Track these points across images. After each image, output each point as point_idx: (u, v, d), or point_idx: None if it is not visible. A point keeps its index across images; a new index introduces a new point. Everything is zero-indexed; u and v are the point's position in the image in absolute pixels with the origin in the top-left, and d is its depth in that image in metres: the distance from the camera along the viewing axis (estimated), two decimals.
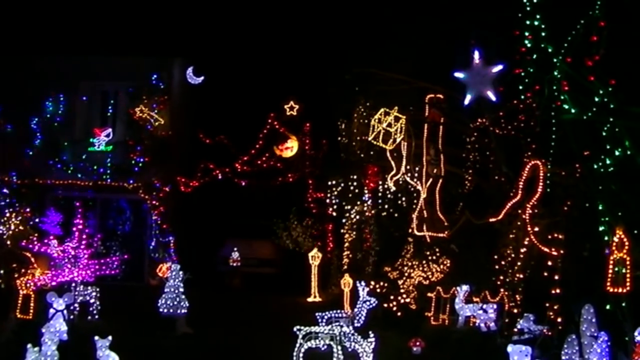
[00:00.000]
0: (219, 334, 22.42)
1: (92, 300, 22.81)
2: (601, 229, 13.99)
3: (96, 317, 22.75)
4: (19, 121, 33.89)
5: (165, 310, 22.07)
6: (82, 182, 34.23)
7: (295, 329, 17.30)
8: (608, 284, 13.03)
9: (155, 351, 19.19)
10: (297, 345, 17.13)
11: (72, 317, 21.37)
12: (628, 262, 12.78)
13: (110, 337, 15.83)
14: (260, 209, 36.50)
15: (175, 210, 34.97)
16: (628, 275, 12.76)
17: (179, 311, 22.09)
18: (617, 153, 13.97)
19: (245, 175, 36.08)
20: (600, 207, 14.05)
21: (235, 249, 36.25)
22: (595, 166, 14.27)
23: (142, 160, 34.15)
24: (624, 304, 13.29)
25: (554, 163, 19.00)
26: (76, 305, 22.17)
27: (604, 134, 14.84)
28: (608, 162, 13.83)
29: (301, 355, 17.10)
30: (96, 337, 15.88)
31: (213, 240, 36.63)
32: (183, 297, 22.26)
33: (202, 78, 36.29)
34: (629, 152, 13.28)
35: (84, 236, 23.98)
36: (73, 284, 22.43)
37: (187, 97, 37.70)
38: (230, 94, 37.24)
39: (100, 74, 35.50)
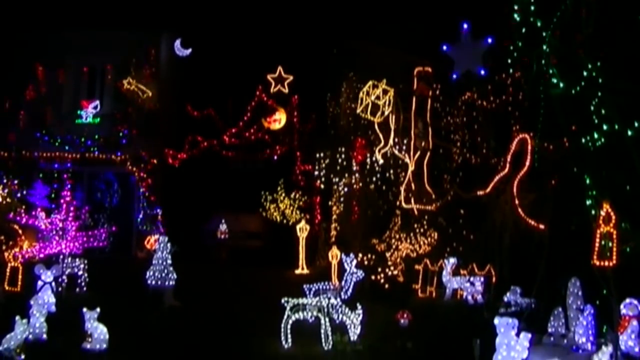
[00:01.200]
0: (206, 307, 22.40)
1: (80, 273, 22.82)
2: (588, 203, 14.06)
3: (84, 289, 22.78)
4: (5, 95, 33.70)
5: (153, 283, 22.06)
6: (69, 154, 34.00)
7: (282, 301, 17.36)
8: (594, 257, 13.10)
9: (143, 323, 19.16)
10: (285, 317, 17.19)
11: (60, 289, 21.38)
12: (614, 236, 12.84)
13: (98, 309, 15.87)
14: (248, 181, 36.38)
15: (162, 183, 34.89)
16: (614, 249, 12.83)
17: (166, 283, 22.08)
18: (604, 128, 14.01)
19: (233, 148, 36.03)
20: (587, 182, 14.10)
21: (223, 221, 36.23)
22: (583, 141, 14.31)
23: (129, 132, 34.00)
24: (609, 278, 13.36)
25: (541, 137, 19.06)
26: (64, 277, 22.16)
27: (592, 108, 14.88)
28: (596, 136, 13.86)
29: (289, 327, 17.16)
30: (84, 309, 15.93)
31: (200, 213, 36.55)
32: (170, 269, 22.25)
33: (189, 51, 36.11)
34: (616, 127, 13.32)
35: (72, 208, 23.90)
36: (61, 257, 22.39)
37: (174, 70, 37.48)
38: (218, 67, 37.05)
39: (87, 47, 35.18)
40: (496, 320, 13.97)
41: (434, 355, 16.70)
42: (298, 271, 31.14)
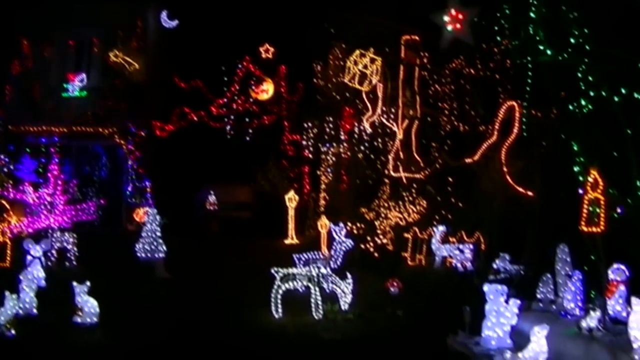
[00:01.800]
0: (197, 278, 22.46)
1: (69, 247, 22.79)
2: (576, 169, 14.09)
3: (74, 263, 22.77)
4: None
5: (143, 255, 22.09)
6: (57, 128, 33.80)
7: (272, 271, 17.39)
8: (582, 223, 13.14)
9: (134, 296, 19.20)
10: (275, 287, 17.24)
11: (49, 263, 21.39)
12: (602, 202, 12.88)
13: (88, 283, 15.87)
14: (237, 152, 36.35)
15: (151, 155, 34.79)
16: (602, 215, 12.87)
17: (156, 255, 22.13)
18: (592, 94, 14.02)
19: (222, 119, 35.99)
20: (575, 148, 14.12)
21: (212, 193, 36.25)
22: (571, 108, 14.32)
23: (117, 105, 33.83)
24: (597, 243, 13.41)
25: (529, 105, 19.06)
26: (53, 251, 22.19)
27: (579, 75, 14.87)
28: (583, 103, 13.87)
29: (279, 297, 17.22)
30: (74, 283, 15.92)
31: (190, 184, 36.52)
32: (160, 241, 22.28)
33: (176, 22, 35.97)
34: (603, 94, 13.33)
35: (60, 182, 23.88)
36: (50, 231, 22.40)
37: (161, 41, 37.30)
38: (204, 38, 36.90)
39: (73, 20, 34.92)
40: (485, 287, 14.03)
41: (424, 322, 16.78)
42: (288, 241, 31.23)
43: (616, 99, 13.13)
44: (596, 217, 12.94)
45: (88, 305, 15.75)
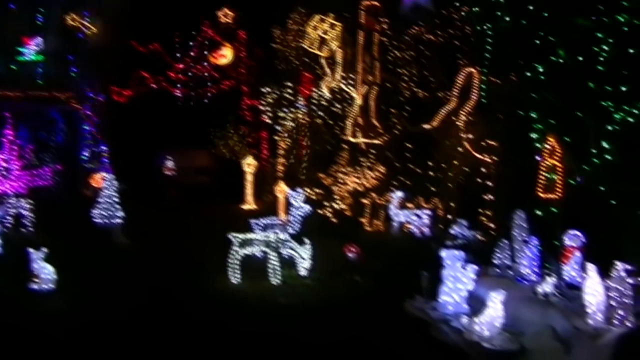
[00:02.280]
0: (155, 244, 22.38)
1: (25, 213, 22.59)
2: (534, 136, 14.16)
3: (30, 229, 22.57)
4: None
5: (100, 221, 21.96)
6: (12, 92, 33.25)
7: (230, 237, 17.37)
8: (539, 190, 13.25)
9: (92, 262, 19.05)
10: (233, 252, 17.22)
11: (5, 229, 21.19)
12: (559, 169, 12.98)
13: (44, 249, 15.75)
14: (195, 117, 36.12)
15: (109, 120, 34.46)
16: (559, 182, 12.97)
17: (113, 221, 22.01)
18: (550, 61, 14.06)
19: (180, 84, 35.74)
20: (533, 115, 14.19)
21: (171, 158, 36.07)
22: (529, 74, 14.37)
23: (74, 69, 33.40)
24: (554, 210, 13.53)
25: (488, 71, 19.10)
26: (9, 217, 21.99)
27: (537, 42, 14.91)
28: (541, 70, 13.92)
29: (237, 262, 17.21)
30: (30, 249, 15.80)
31: (148, 150, 36.28)
32: (118, 207, 22.15)
33: None
34: (562, 61, 13.38)
35: (15, 148, 23.61)
36: (5, 196, 22.17)
37: (119, 5, 36.77)
38: (163, 2, 36.50)
39: None
40: (443, 253, 14.12)
41: (382, 287, 16.85)
42: (246, 206, 31.19)
43: (574, 66, 13.19)
44: (553, 183, 13.04)
45: (44, 272, 15.64)
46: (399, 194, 21.73)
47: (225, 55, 35.66)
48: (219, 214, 28.36)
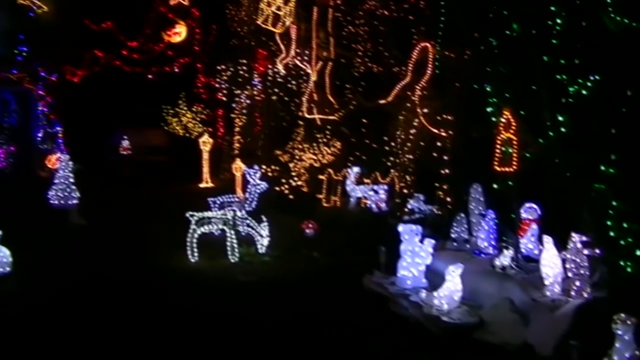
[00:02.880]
0: (112, 224, 22.27)
1: None
2: (489, 110, 14.20)
3: None
4: None
5: (56, 202, 21.79)
6: None
7: (188, 215, 17.31)
8: (495, 163, 13.30)
9: (48, 243, 18.89)
10: (191, 231, 17.18)
11: None
12: (515, 142, 13.04)
13: (0, 232, 15.59)
14: (149, 96, 35.84)
15: (63, 100, 34.01)
16: (515, 155, 13.03)
17: (69, 202, 21.84)
18: (505, 34, 14.09)
19: (134, 62, 35.42)
20: (488, 89, 14.23)
21: (126, 137, 35.85)
22: (484, 48, 14.40)
23: (25, 49, 32.90)
24: (510, 183, 13.60)
25: (443, 45, 19.14)
26: None
27: (491, 16, 14.92)
28: (496, 44, 13.95)
29: (195, 240, 17.16)
30: None
31: (103, 129, 36.01)
32: (73, 187, 22.00)
33: None
34: (515, 34, 13.42)
35: None
36: None
37: None
38: None
39: None
40: (400, 227, 14.14)
41: (340, 263, 16.90)
42: (202, 185, 31.13)
43: (528, 39, 13.24)
44: (509, 157, 13.11)
45: (0, 255, 15.46)
46: (355, 169, 21.74)
47: (179, 33, 35.40)
48: (175, 192, 28.27)
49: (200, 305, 13.79)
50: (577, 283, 11.26)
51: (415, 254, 13.90)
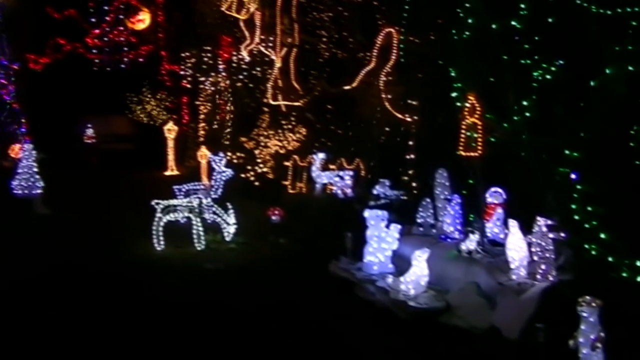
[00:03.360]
0: (77, 212, 22.09)
1: None
2: (454, 95, 14.23)
3: None
4: None
5: (20, 192, 21.59)
6: None
7: (153, 203, 17.24)
8: (461, 148, 13.34)
9: (12, 233, 18.73)
10: (156, 219, 17.13)
11: None
12: (479, 127, 13.08)
13: None
14: (114, 83, 35.59)
15: (25, 88, 33.67)
16: (479, 140, 13.08)
17: (33, 191, 21.66)
18: (470, 21, 14.10)
19: (98, 50, 35.15)
20: (452, 74, 14.25)
21: (90, 125, 35.61)
22: (448, 34, 14.40)
23: None
24: (475, 167, 13.64)
25: (407, 31, 19.14)
26: None
27: (456, 1, 14.93)
28: (461, 29, 13.96)
29: (161, 228, 17.11)
30: None
31: (67, 117, 35.71)
32: (37, 177, 21.79)
33: None
34: (480, 20, 13.42)
35: None
36: None
37: None
38: None
39: None
40: (366, 213, 14.17)
41: (307, 249, 16.92)
42: (168, 172, 31.00)
43: (494, 26, 13.26)
44: (474, 141, 13.15)
45: None
46: (321, 155, 21.70)
47: (143, 20, 35.14)
48: (141, 180, 28.15)
49: (167, 293, 13.74)
50: (543, 266, 11.34)
51: (381, 239, 13.94)
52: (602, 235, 10.85)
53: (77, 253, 16.99)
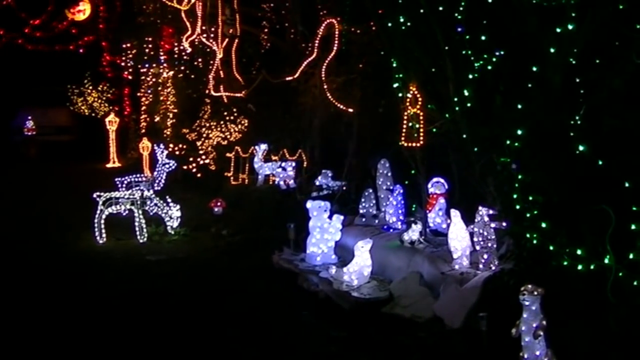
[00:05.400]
0: (16, 205, 21.85)
1: None
2: (395, 85, 14.24)
3: None
4: None
5: None
6: None
7: (94, 196, 17.09)
8: (402, 138, 13.38)
9: None
10: (98, 212, 16.98)
11: None
12: (421, 117, 13.13)
13: None
14: (53, 75, 35.18)
15: None
16: (421, 130, 13.13)
17: None
18: (411, 9, 14.12)
19: (37, 41, 34.66)
20: (394, 64, 14.27)
21: (30, 118, 35.20)
22: (390, 24, 14.41)
23: None
24: (417, 158, 13.70)
25: (349, 21, 19.16)
26: None
27: None
28: (402, 19, 13.98)
29: (102, 221, 16.98)
30: None
31: (5, 109, 35.25)
32: None
33: None
34: (422, 11, 13.46)
35: None
36: None
37: None
38: None
39: None
40: (309, 204, 14.18)
41: (249, 240, 16.91)
42: (109, 164, 30.76)
43: (435, 15, 13.29)
44: (415, 132, 13.20)
45: None
46: (262, 146, 21.66)
47: (83, 10, 34.65)
48: (82, 173, 27.93)
49: (109, 285, 13.68)
50: (485, 256, 11.43)
51: (324, 230, 13.96)
52: (543, 224, 10.94)
53: (15, 247, 16.77)
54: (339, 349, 10.54)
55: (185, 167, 24.11)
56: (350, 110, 19.36)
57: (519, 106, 11.45)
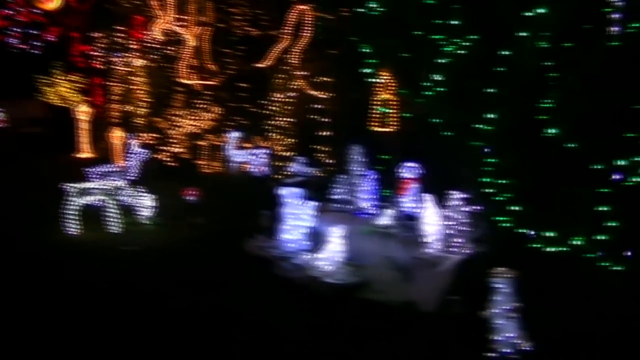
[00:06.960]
0: None
1: None
2: (367, 71, 14.26)
3: None
4: None
5: None
6: None
7: (67, 187, 16.99)
8: (374, 124, 13.40)
9: None
10: (71, 202, 16.87)
11: None
12: (393, 103, 13.16)
13: None
14: (24, 66, 34.90)
15: None
16: (394, 115, 13.16)
17: None
18: None
19: (6, 31, 34.41)
20: (366, 50, 14.28)
21: (1, 109, 34.95)
22: (362, 10, 14.43)
23: None
24: (389, 143, 13.73)
25: (321, 7, 19.15)
26: None
27: None
28: (374, 5, 13.99)
29: (75, 212, 16.87)
30: None
31: None
32: None
33: None
34: None
35: None
36: None
37: None
38: None
39: None
40: (282, 191, 14.18)
41: (223, 228, 16.86)
42: (82, 155, 30.57)
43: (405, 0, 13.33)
44: (387, 117, 13.23)
45: None
46: (235, 134, 21.63)
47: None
48: (54, 164, 27.69)
49: (83, 276, 13.59)
50: (458, 239, 11.47)
51: (297, 216, 13.96)
52: (515, 208, 11.01)
53: None
54: (313, 334, 10.56)
55: (158, 156, 24.02)
56: (323, 96, 19.36)
57: (492, 90, 11.48)
